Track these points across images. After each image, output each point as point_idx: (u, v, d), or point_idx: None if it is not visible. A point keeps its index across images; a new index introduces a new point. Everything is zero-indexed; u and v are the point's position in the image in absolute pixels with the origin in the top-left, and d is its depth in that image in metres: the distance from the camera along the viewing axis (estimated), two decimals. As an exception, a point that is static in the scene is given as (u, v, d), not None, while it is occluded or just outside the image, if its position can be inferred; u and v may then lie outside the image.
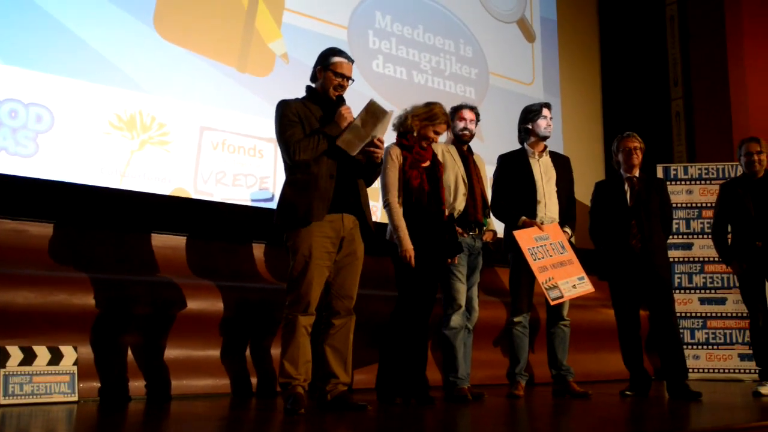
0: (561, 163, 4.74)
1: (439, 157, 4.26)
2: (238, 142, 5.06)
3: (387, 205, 3.86)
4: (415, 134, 3.95)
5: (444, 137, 4.33)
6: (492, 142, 6.10)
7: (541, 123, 4.60)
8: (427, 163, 4.03)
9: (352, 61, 3.58)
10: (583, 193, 5.26)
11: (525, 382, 4.50)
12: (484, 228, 4.39)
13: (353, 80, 3.58)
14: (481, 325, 4.78)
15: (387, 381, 3.89)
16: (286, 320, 3.40)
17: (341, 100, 3.54)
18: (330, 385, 3.48)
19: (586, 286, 4.36)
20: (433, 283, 3.99)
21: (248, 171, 5.07)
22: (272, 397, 4.19)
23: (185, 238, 4.59)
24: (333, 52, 3.56)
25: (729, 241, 4.94)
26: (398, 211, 3.85)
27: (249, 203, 5.04)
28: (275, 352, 4.28)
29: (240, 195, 5.02)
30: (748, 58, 7.75)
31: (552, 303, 4.28)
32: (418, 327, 3.93)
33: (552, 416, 3.66)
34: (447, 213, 4.05)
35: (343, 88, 3.53)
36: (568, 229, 4.58)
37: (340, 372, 3.49)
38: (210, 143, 4.93)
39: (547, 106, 4.67)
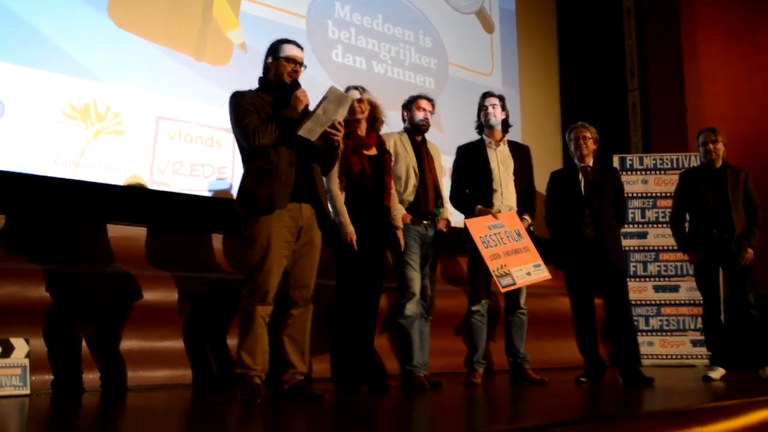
0: (520, 152, 4.77)
1: (391, 147, 4.28)
2: (196, 132, 5.02)
3: (329, 191, 3.89)
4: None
5: (392, 126, 4.36)
6: (451, 133, 6.13)
7: (485, 112, 4.64)
8: (373, 151, 4.06)
9: (302, 48, 3.60)
10: (542, 182, 5.32)
11: (483, 370, 4.55)
12: (437, 217, 4.42)
13: (306, 66, 3.59)
14: (441, 314, 4.82)
15: (342, 370, 3.91)
16: (243, 310, 3.39)
17: (296, 84, 3.54)
18: (287, 375, 3.48)
19: (541, 273, 4.39)
20: (374, 270, 4.02)
21: (206, 161, 5.03)
22: (232, 387, 4.17)
23: (141, 228, 4.54)
24: (282, 41, 3.59)
25: (686, 229, 5.04)
26: (339, 197, 3.90)
27: (206, 193, 5.00)
28: (234, 342, 4.26)
29: (197, 185, 4.97)
30: (702, 50, 7.90)
31: (503, 290, 4.31)
32: (362, 314, 3.96)
33: (508, 403, 3.71)
34: (389, 202, 4.08)
35: (297, 73, 3.54)
36: (527, 217, 4.61)
37: (298, 362, 3.49)
38: (166, 133, 4.88)
39: (489, 95, 4.70)
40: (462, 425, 2.74)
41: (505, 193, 4.58)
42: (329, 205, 3.85)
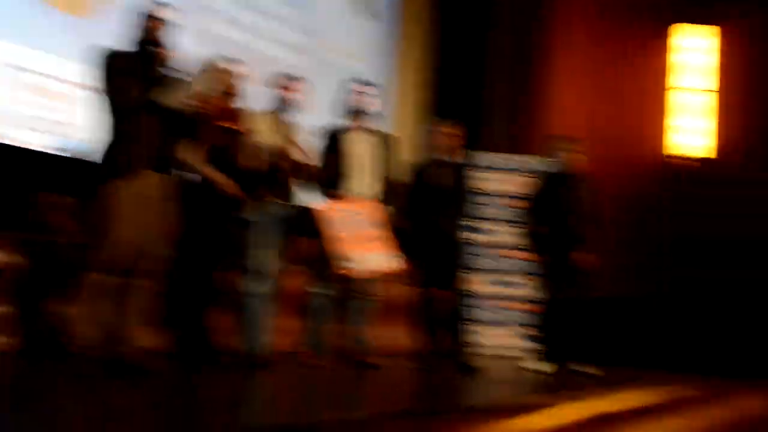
0: (385, 141, 4.82)
1: (253, 123, 4.25)
2: (49, 86, 4.77)
3: (187, 161, 3.82)
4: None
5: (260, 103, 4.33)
6: (320, 115, 6.13)
7: (355, 98, 4.70)
8: (230, 124, 4.06)
9: (171, 8, 3.56)
10: (406, 173, 5.44)
11: (322, 352, 4.61)
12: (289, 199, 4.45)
13: (175, 24, 3.55)
14: (285, 293, 4.84)
15: (180, 345, 3.90)
16: (85, 278, 3.32)
17: (164, 44, 3.50)
18: (125, 347, 3.41)
19: (389, 263, 4.48)
20: (216, 243, 4.02)
21: (56, 117, 4.80)
22: (67, 358, 4.02)
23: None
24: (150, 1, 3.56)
25: (537, 231, 5.25)
26: (202, 164, 3.88)
27: (55, 152, 4.77)
28: (71, 311, 4.11)
29: (44, 141, 4.73)
30: (569, 54, 8.26)
31: (342, 273, 4.37)
32: (201, 288, 3.97)
33: (339, 385, 3.81)
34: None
35: (163, 32, 3.50)
36: (386, 207, 4.70)
37: (137, 334, 3.45)
38: (16, 84, 4.61)
39: (361, 81, 4.77)
40: (292, 407, 2.81)
41: (363, 179, 4.63)
42: (193, 174, 3.83)
